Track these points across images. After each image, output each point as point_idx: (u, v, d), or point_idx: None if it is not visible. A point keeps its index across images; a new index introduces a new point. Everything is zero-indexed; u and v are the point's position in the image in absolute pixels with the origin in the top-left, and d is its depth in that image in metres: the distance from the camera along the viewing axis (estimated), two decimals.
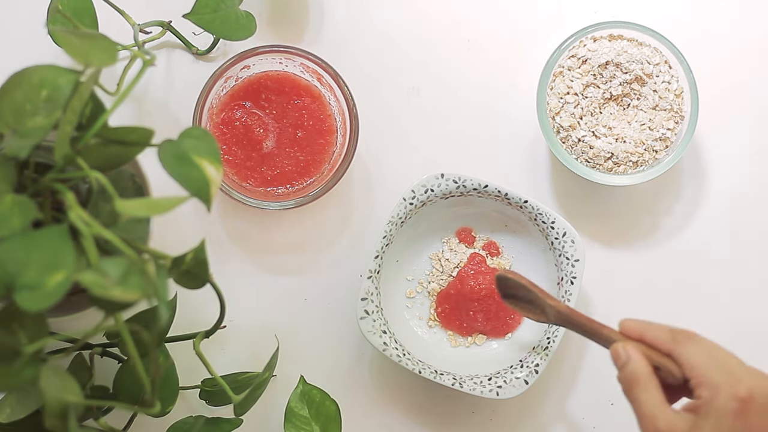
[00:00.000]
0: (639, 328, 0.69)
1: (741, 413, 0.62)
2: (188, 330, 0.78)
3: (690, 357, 0.66)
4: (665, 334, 0.68)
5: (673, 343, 0.67)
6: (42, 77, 0.59)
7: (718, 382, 0.63)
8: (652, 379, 0.66)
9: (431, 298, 0.85)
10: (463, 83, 0.88)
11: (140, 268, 0.56)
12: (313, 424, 0.80)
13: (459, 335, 0.85)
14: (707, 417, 0.63)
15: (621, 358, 0.68)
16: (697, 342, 0.67)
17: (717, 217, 0.87)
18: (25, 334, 0.57)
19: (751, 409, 0.63)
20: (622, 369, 0.68)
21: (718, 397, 0.63)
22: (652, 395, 0.65)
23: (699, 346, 0.66)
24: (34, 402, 0.65)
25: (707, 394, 0.63)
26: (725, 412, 0.62)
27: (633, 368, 0.67)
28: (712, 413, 0.63)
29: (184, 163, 0.61)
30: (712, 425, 0.63)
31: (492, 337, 0.84)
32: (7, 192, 0.57)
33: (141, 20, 0.82)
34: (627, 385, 0.67)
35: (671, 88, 0.83)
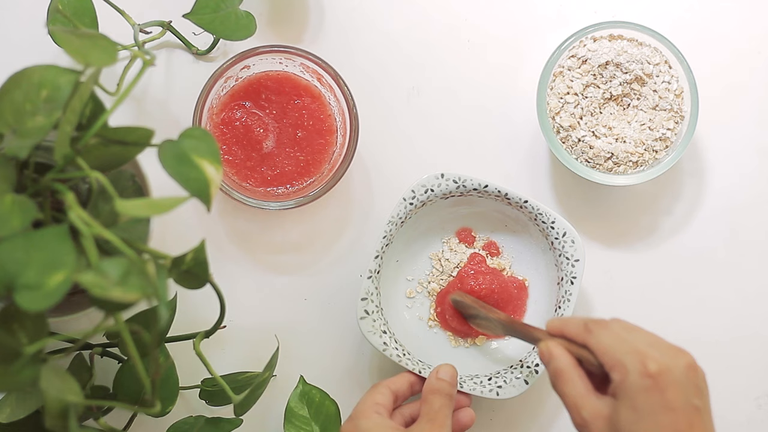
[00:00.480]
0: (559, 325, 0.72)
1: (653, 388, 0.63)
2: (188, 330, 0.78)
3: (600, 343, 0.67)
4: (579, 326, 0.70)
5: (585, 333, 0.69)
6: (42, 77, 0.59)
7: (626, 362, 0.65)
8: (575, 371, 0.68)
9: (431, 298, 0.85)
10: (463, 83, 0.88)
11: (140, 268, 0.56)
12: (312, 424, 0.80)
13: (459, 336, 0.85)
14: (623, 398, 0.64)
15: (545, 356, 0.70)
16: (607, 327, 0.68)
17: (717, 216, 0.87)
18: (25, 334, 0.57)
19: (663, 382, 0.63)
20: (547, 366, 0.70)
21: (629, 376, 0.64)
22: (575, 386, 0.67)
23: (608, 331, 0.68)
24: (34, 402, 0.65)
25: (619, 376, 0.65)
26: (637, 389, 0.63)
27: (555, 364, 0.69)
28: (626, 393, 0.64)
29: (184, 163, 0.61)
30: (628, 405, 0.64)
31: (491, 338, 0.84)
32: (7, 192, 0.57)
33: (141, 20, 0.82)
34: (553, 380, 0.69)
35: (671, 88, 0.83)
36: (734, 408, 0.86)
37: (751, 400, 0.86)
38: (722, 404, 0.82)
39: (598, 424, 0.65)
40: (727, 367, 0.87)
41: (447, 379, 0.77)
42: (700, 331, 0.87)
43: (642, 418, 0.63)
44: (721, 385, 0.86)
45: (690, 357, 0.65)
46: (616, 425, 0.64)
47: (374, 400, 0.76)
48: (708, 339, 0.87)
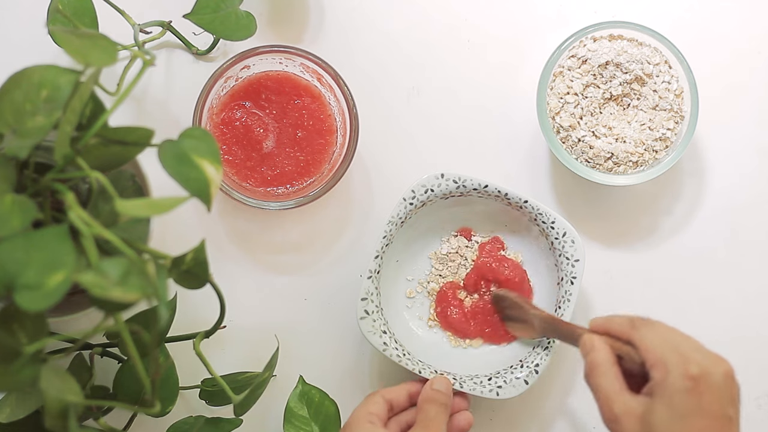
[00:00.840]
0: (604, 322, 0.72)
1: (693, 390, 0.64)
2: (188, 330, 0.78)
3: (645, 340, 0.67)
4: (625, 322, 0.70)
5: (631, 329, 0.69)
6: (42, 77, 0.59)
7: (670, 362, 0.65)
8: (612, 366, 0.69)
9: (431, 298, 0.85)
10: (463, 83, 0.88)
11: (140, 268, 0.56)
12: (312, 424, 0.80)
13: (458, 336, 0.85)
14: (660, 396, 0.64)
15: (587, 347, 0.71)
16: (653, 326, 0.69)
17: (717, 216, 0.87)
18: (25, 334, 0.57)
19: (702, 387, 0.64)
20: (586, 357, 0.70)
21: (669, 376, 0.64)
22: (610, 381, 0.68)
23: (654, 330, 0.68)
24: (34, 402, 0.65)
25: (659, 374, 0.65)
26: (677, 389, 0.64)
27: (594, 356, 0.69)
28: (665, 392, 0.64)
29: (184, 163, 0.61)
30: (665, 404, 0.64)
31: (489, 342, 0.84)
32: (7, 192, 0.57)
33: (141, 20, 0.82)
34: (589, 371, 0.69)
35: (671, 88, 0.83)
36: None
37: (751, 400, 0.86)
38: None
39: (629, 421, 0.65)
40: None
41: (442, 390, 0.78)
42: (700, 331, 0.86)
43: (677, 419, 0.63)
44: None
45: (729, 366, 0.66)
46: (649, 424, 0.64)
47: (367, 409, 0.76)
48: (708, 339, 0.86)
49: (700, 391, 0.64)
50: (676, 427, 0.63)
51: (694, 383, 0.64)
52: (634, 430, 0.65)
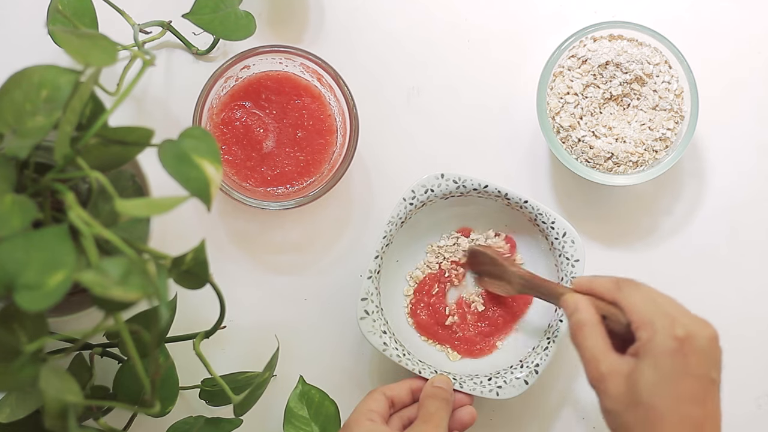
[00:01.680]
0: (588, 282, 0.72)
1: (679, 352, 0.64)
2: (188, 330, 0.78)
3: (631, 301, 0.68)
4: (610, 283, 0.70)
5: (617, 290, 0.69)
6: (42, 77, 0.59)
7: (657, 323, 0.65)
8: (597, 326, 0.69)
9: (412, 285, 0.85)
10: (463, 83, 0.88)
11: (140, 268, 0.56)
12: (312, 424, 0.80)
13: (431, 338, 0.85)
14: (646, 356, 0.64)
15: (570, 307, 0.71)
16: (639, 287, 0.69)
17: (717, 216, 0.87)
18: (25, 334, 0.57)
19: (688, 348, 0.64)
20: (570, 317, 0.70)
21: (656, 336, 0.65)
22: (596, 341, 0.68)
23: (640, 291, 0.69)
24: (34, 402, 0.65)
25: (646, 335, 0.65)
26: (663, 350, 0.64)
27: (579, 316, 0.70)
28: (651, 352, 0.64)
29: (184, 163, 0.61)
30: (651, 364, 0.64)
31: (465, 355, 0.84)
32: (7, 192, 0.57)
33: (141, 20, 0.82)
34: (574, 331, 0.70)
35: (671, 88, 0.83)
36: (734, 408, 0.86)
37: (751, 400, 0.86)
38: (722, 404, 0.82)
39: (615, 379, 0.65)
40: (727, 367, 0.86)
41: (443, 386, 0.78)
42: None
43: (663, 379, 0.63)
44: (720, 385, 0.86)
45: (714, 330, 0.66)
46: (635, 383, 0.64)
47: (368, 407, 0.76)
48: None
49: (685, 352, 0.64)
50: (662, 387, 0.63)
51: (680, 344, 0.64)
52: (619, 388, 0.65)
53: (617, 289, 0.69)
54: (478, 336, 0.84)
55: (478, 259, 0.83)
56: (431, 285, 0.84)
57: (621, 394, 0.65)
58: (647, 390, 0.63)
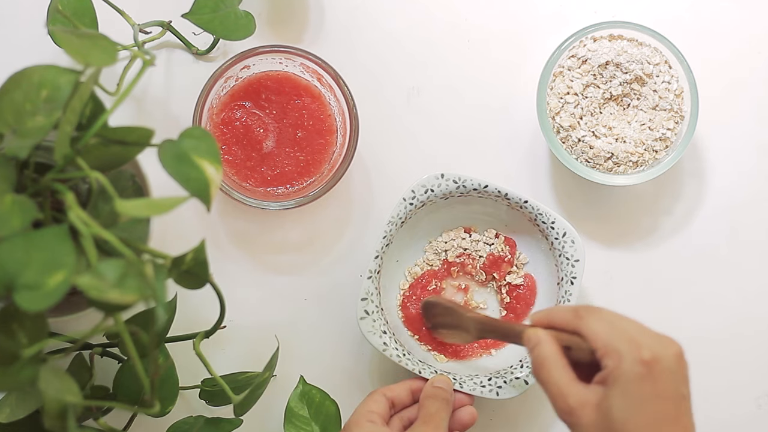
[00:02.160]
0: (546, 315, 0.71)
1: (647, 376, 0.63)
2: (188, 330, 0.78)
3: (592, 329, 0.66)
4: (569, 313, 0.69)
5: (576, 319, 0.68)
6: (42, 77, 0.59)
7: (621, 349, 0.64)
8: (560, 359, 0.67)
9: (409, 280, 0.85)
10: (463, 83, 0.88)
11: (138, 269, 0.56)
12: (312, 424, 0.80)
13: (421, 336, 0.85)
14: (615, 384, 0.64)
15: (531, 341, 0.69)
16: (598, 314, 0.68)
17: (717, 216, 0.87)
18: (25, 334, 0.57)
19: (656, 371, 0.63)
20: (531, 353, 0.69)
21: (622, 363, 0.64)
22: (560, 374, 0.67)
23: (600, 317, 0.67)
24: (33, 402, 0.65)
25: (612, 363, 0.64)
26: (631, 376, 0.63)
27: (540, 350, 0.68)
28: (619, 380, 0.63)
29: (184, 163, 0.61)
30: (620, 391, 0.63)
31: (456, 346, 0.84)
32: (7, 192, 0.57)
33: (141, 20, 0.82)
34: (537, 367, 0.68)
35: (671, 88, 0.83)
36: (734, 408, 0.86)
37: (751, 400, 0.86)
38: (722, 404, 0.82)
39: (585, 411, 0.64)
40: (728, 367, 0.87)
41: (443, 387, 0.78)
42: (700, 331, 0.87)
43: (634, 405, 0.63)
44: (721, 384, 0.86)
45: (679, 347, 0.66)
46: (606, 412, 0.63)
47: (368, 408, 0.76)
48: (708, 339, 0.87)
49: (654, 375, 0.63)
50: (634, 413, 0.63)
51: (647, 368, 0.63)
52: (590, 419, 0.64)
53: (577, 318, 0.68)
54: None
55: (432, 311, 0.82)
56: (428, 281, 0.84)
57: (593, 423, 0.64)
58: (620, 417, 0.63)
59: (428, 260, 0.85)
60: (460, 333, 0.80)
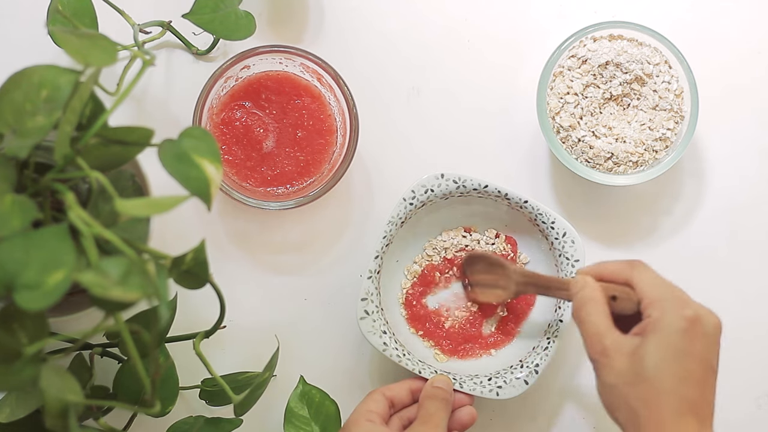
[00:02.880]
0: (596, 267, 0.74)
1: (687, 332, 0.65)
2: (188, 330, 0.78)
3: (644, 279, 0.70)
4: (623, 263, 0.72)
5: (630, 269, 0.71)
6: (42, 77, 0.59)
7: (667, 303, 0.67)
8: (603, 303, 0.70)
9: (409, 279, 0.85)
10: (463, 83, 0.88)
11: (140, 268, 0.56)
12: (312, 424, 0.80)
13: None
14: (655, 333, 0.66)
15: (577, 285, 0.72)
16: (650, 269, 0.71)
17: (717, 217, 0.87)
18: (25, 334, 0.57)
19: (696, 330, 0.66)
20: (576, 295, 0.71)
21: (667, 315, 0.66)
22: (599, 317, 0.69)
23: (652, 272, 0.71)
24: (34, 402, 0.65)
25: (656, 313, 0.67)
26: (673, 329, 0.66)
27: (585, 292, 0.71)
28: (660, 330, 0.66)
29: (184, 162, 0.61)
30: (659, 341, 0.65)
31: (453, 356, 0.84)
32: (7, 192, 0.57)
33: (141, 20, 0.82)
34: (577, 307, 0.71)
35: (671, 88, 0.83)
36: (734, 408, 0.86)
37: (751, 400, 0.86)
38: (722, 404, 0.82)
39: (619, 355, 0.66)
40: (727, 367, 0.86)
41: (443, 387, 0.78)
42: None
43: (669, 356, 0.65)
44: (721, 385, 0.86)
45: (720, 320, 0.68)
46: (640, 359, 0.65)
47: (367, 407, 0.76)
48: None
49: (693, 334, 0.65)
50: (667, 365, 0.64)
51: (689, 324, 0.66)
52: (622, 364, 0.66)
53: (630, 268, 0.71)
54: (463, 338, 0.84)
55: (474, 267, 0.83)
56: (431, 275, 0.84)
57: (623, 368, 0.66)
58: (652, 366, 0.64)
59: (428, 256, 0.85)
60: (495, 291, 0.81)
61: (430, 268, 0.85)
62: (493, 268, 0.82)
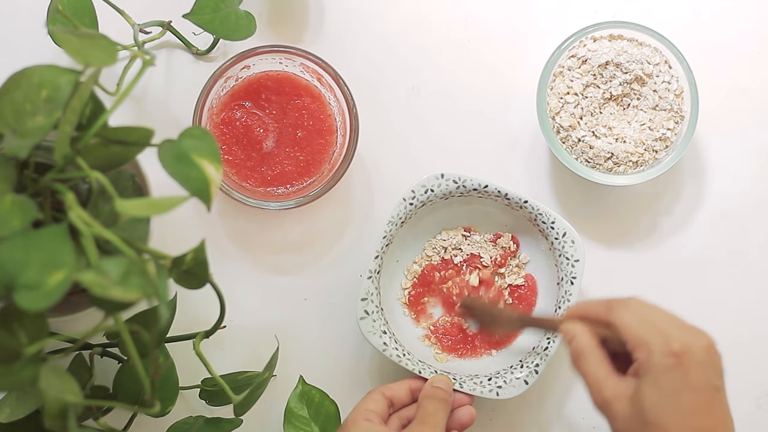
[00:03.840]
0: (581, 308, 0.72)
1: (677, 367, 0.64)
2: (188, 330, 0.78)
3: (622, 321, 0.67)
4: (601, 306, 0.70)
5: (607, 311, 0.69)
6: (42, 77, 0.59)
7: (650, 342, 0.65)
8: (596, 351, 0.68)
9: (409, 279, 0.85)
10: (463, 83, 0.88)
11: (140, 267, 0.56)
12: (312, 424, 0.80)
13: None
14: (646, 376, 0.64)
15: (568, 335, 0.71)
16: (628, 306, 0.68)
17: (717, 216, 0.87)
18: (25, 334, 0.57)
19: (687, 362, 0.64)
20: (569, 345, 0.70)
21: (652, 356, 0.64)
22: (597, 366, 0.68)
23: (630, 309, 0.68)
24: (34, 402, 0.65)
25: (642, 355, 0.65)
26: (661, 368, 0.64)
27: (577, 343, 0.69)
28: (650, 372, 0.64)
29: (184, 162, 0.61)
30: (651, 383, 0.64)
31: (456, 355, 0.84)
32: (7, 192, 0.57)
33: (141, 20, 0.82)
34: (574, 359, 0.69)
35: (671, 88, 0.83)
36: (734, 408, 0.85)
37: (751, 400, 0.86)
38: None
39: (620, 403, 0.65)
40: (727, 368, 0.86)
41: (442, 387, 0.78)
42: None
43: (665, 396, 0.63)
44: None
45: (710, 338, 0.66)
46: (639, 404, 0.64)
47: (366, 407, 0.76)
48: None
49: (684, 366, 0.64)
50: (665, 404, 0.63)
51: (677, 359, 0.64)
52: (625, 411, 0.65)
53: (608, 309, 0.69)
54: (463, 338, 0.84)
55: (471, 313, 0.82)
56: (431, 274, 0.84)
57: (628, 416, 0.65)
58: (652, 409, 0.63)
59: (427, 256, 0.85)
60: (501, 327, 0.81)
61: (429, 268, 0.85)
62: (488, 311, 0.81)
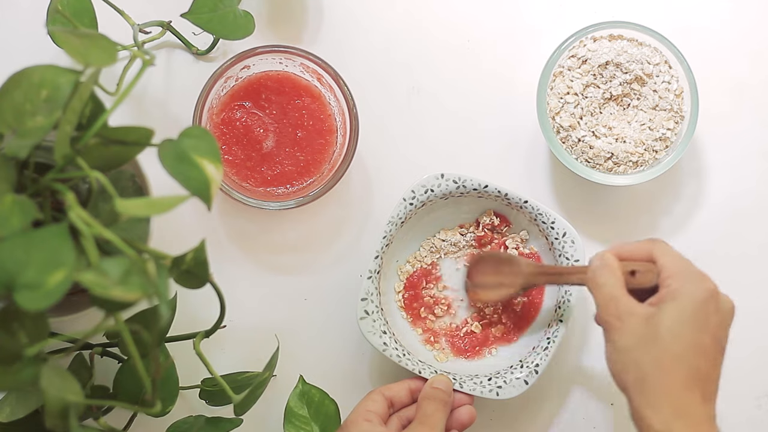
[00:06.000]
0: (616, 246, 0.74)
1: (705, 303, 0.67)
2: (188, 330, 0.78)
3: (666, 254, 0.70)
4: (642, 241, 0.73)
5: (651, 244, 0.72)
6: (42, 77, 0.59)
7: (689, 275, 0.68)
8: (619, 271, 0.71)
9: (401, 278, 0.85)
10: (463, 83, 0.88)
11: (141, 267, 0.56)
12: (312, 423, 0.80)
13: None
14: (673, 300, 0.67)
15: (595, 259, 0.73)
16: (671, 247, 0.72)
17: (716, 217, 0.87)
18: (26, 334, 0.57)
19: (713, 304, 0.67)
20: (592, 264, 0.72)
21: (687, 285, 0.67)
22: (616, 282, 0.70)
23: (674, 249, 0.71)
24: (34, 401, 0.65)
25: (677, 284, 0.68)
26: (693, 297, 0.67)
27: (602, 260, 0.72)
28: (680, 297, 0.67)
29: (184, 162, 0.61)
30: (676, 306, 0.67)
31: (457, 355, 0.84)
32: (7, 192, 0.57)
33: (141, 20, 0.82)
34: (593, 274, 0.71)
35: (671, 88, 0.83)
36: (734, 408, 0.86)
37: (751, 400, 0.86)
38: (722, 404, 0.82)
39: (633, 319, 0.67)
40: (728, 367, 0.86)
41: (442, 387, 0.78)
42: None
43: (686, 323, 0.66)
44: (721, 385, 0.86)
45: (734, 305, 0.69)
46: (656, 324, 0.66)
47: (366, 407, 0.76)
48: None
49: (710, 307, 0.67)
50: (683, 331, 0.66)
51: (709, 296, 0.67)
52: (637, 327, 0.67)
53: (651, 243, 0.72)
54: (463, 338, 0.84)
55: (479, 267, 0.82)
56: (419, 280, 0.84)
57: (637, 331, 0.67)
58: (668, 329, 0.65)
59: (422, 256, 0.85)
60: (498, 290, 0.81)
61: (420, 273, 0.84)
62: (500, 266, 0.81)
